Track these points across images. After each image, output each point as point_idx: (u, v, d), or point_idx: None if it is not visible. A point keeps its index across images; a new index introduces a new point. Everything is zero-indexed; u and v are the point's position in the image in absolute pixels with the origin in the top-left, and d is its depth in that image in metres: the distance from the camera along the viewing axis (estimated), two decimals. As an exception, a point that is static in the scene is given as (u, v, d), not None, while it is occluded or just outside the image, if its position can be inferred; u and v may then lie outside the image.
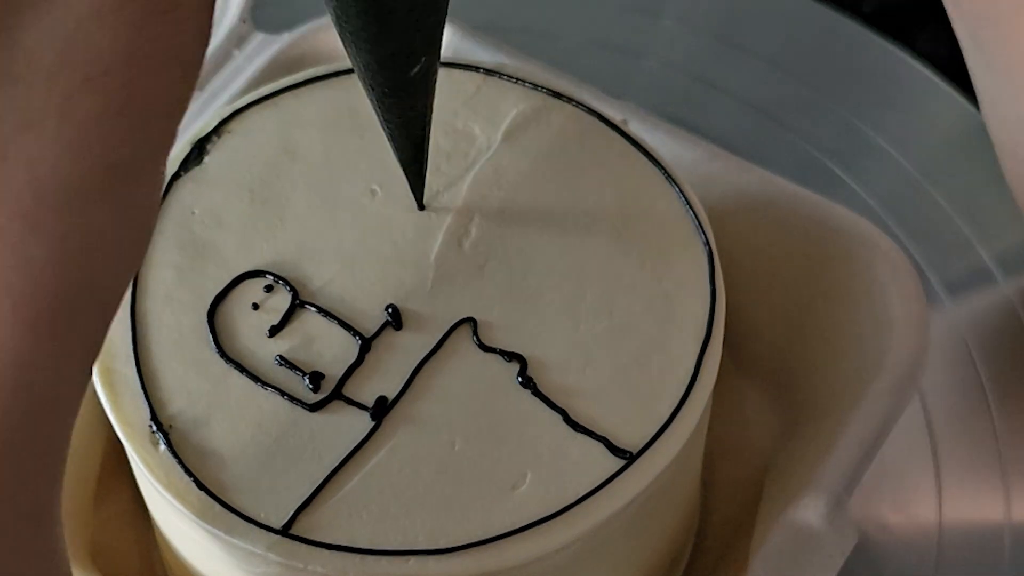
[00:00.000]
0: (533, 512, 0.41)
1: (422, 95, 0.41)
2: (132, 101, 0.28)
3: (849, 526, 0.47)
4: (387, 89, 0.40)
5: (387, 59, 0.39)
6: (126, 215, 0.30)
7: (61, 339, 0.30)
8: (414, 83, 0.40)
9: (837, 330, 0.53)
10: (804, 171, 0.64)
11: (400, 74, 0.39)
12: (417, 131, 0.43)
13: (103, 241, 0.29)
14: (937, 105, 0.68)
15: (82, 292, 0.30)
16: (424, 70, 0.39)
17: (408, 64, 0.39)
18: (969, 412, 0.59)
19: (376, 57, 0.38)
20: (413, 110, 0.41)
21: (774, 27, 0.71)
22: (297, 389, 0.44)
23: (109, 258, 0.30)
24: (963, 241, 0.64)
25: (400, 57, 0.39)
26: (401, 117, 0.42)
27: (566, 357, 0.44)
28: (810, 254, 0.54)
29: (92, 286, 0.30)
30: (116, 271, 0.31)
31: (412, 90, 0.40)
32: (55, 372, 0.30)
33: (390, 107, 0.41)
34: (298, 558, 0.41)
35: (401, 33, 0.38)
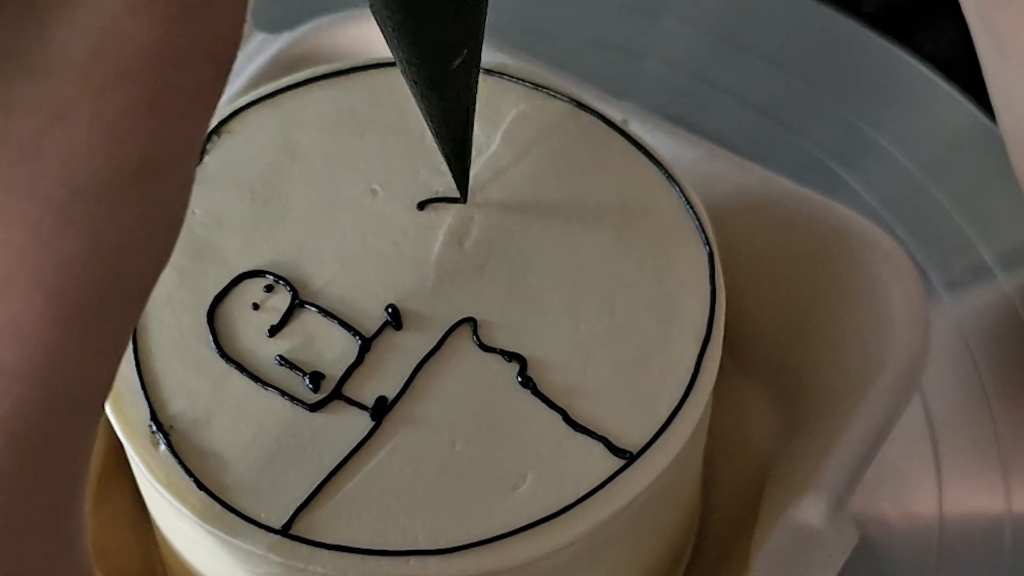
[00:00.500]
0: (533, 512, 0.41)
1: (464, 88, 0.41)
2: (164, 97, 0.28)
3: (850, 526, 0.47)
4: (429, 82, 0.40)
5: (428, 52, 0.39)
6: (156, 211, 0.30)
7: (91, 335, 0.30)
8: (456, 76, 0.40)
9: (838, 330, 0.53)
10: (805, 171, 0.64)
11: (442, 67, 0.39)
12: (460, 124, 0.43)
13: (134, 237, 0.29)
14: (937, 105, 0.68)
15: (112, 288, 0.30)
16: (466, 62, 0.40)
17: (449, 56, 0.39)
18: (970, 411, 0.59)
19: (417, 50, 0.39)
20: (456, 103, 0.41)
21: (774, 27, 0.71)
22: (297, 389, 0.44)
23: (139, 254, 0.30)
24: (964, 240, 0.64)
25: (441, 49, 0.39)
26: (443, 110, 0.42)
27: (566, 357, 0.44)
28: (811, 254, 0.54)
29: (122, 282, 0.30)
30: (145, 268, 0.31)
31: (454, 83, 0.40)
32: (83, 368, 0.30)
33: (432, 100, 0.41)
34: (298, 558, 0.41)
35: (442, 25, 0.38)
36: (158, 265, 0.31)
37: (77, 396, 0.31)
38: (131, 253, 0.30)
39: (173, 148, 0.29)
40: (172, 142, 0.29)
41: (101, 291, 0.29)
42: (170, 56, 0.28)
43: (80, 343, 0.30)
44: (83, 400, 0.31)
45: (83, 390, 0.31)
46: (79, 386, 0.30)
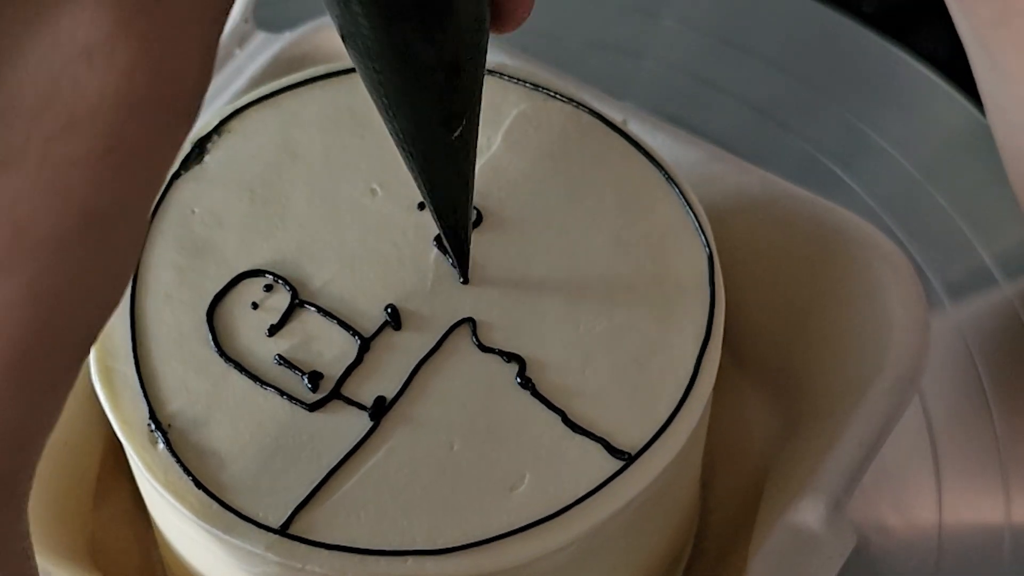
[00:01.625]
0: (531, 513, 0.41)
1: (464, 157, 0.40)
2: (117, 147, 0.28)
3: (848, 528, 0.47)
4: (427, 155, 0.39)
5: (425, 125, 0.38)
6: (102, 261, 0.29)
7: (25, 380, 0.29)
8: (455, 146, 0.39)
9: (837, 331, 0.53)
10: (804, 171, 0.64)
11: (440, 139, 0.38)
12: (460, 195, 0.41)
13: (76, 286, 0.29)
14: (937, 105, 0.68)
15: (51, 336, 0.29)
16: (466, 131, 0.38)
17: (448, 128, 0.38)
18: (969, 413, 0.59)
19: (415, 122, 0.37)
20: (456, 175, 0.40)
21: (774, 27, 0.71)
22: (296, 389, 0.44)
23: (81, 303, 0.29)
24: (963, 242, 0.64)
25: (439, 122, 0.38)
26: (442, 183, 0.40)
27: (565, 358, 0.44)
28: (810, 255, 0.54)
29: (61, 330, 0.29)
30: (88, 316, 0.30)
31: (454, 153, 0.39)
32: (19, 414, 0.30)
33: (431, 173, 0.40)
34: (296, 558, 0.41)
35: (440, 97, 0.37)
36: (103, 312, 0.30)
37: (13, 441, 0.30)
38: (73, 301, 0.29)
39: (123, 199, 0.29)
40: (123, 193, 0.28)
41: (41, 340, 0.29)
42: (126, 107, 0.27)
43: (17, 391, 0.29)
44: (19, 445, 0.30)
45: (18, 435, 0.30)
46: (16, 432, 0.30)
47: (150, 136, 0.28)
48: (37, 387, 0.30)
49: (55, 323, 0.29)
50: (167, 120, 0.28)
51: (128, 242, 0.30)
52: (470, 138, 0.39)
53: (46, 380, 0.30)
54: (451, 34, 0.35)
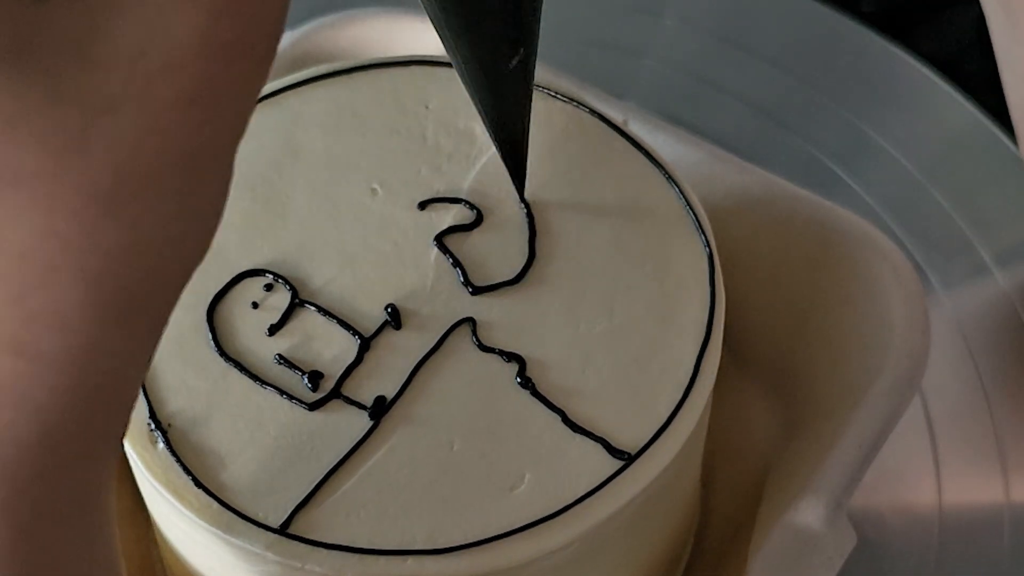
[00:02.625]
0: (531, 513, 0.41)
1: (522, 87, 0.41)
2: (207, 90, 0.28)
3: (848, 528, 0.47)
4: (486, 83, 0.40)
5: (485, 53, 0.39)
6: (195, 206, 0.30)
7: (128, 327, 0.30)
8: (513, 76, 0.40)
9: (838, 331, 0.53)
10: (804, 172, 0.64)
11: (499, 67, 0.40)
12: (517, 124, 0.43)
13: (173, 231, 0.30)
14: (937, 105, 0.68)
15: (151, 280, 0.30)
16: (523, 62, 0.40)
17: (507, 57, 0.39)
18: (969, 411, 0.59)
19: (474, 51, 0.39)
20: (513, 104, 0.42)
21: (774, 27, 0.71)
22: (296, 388, 0.44)
23: (177, 248, 0.30)
24: (963, 241, 0.64)
25: (498, 50, 0.39)
26: (500, 111, 0.42)
27: (565, 357, 0.44)
28: (810, 255, 0.54)
29: (160, 275, 0.30)
30: (183, 261, 0.31)
31: (511, 83, 0.41)
32: (119, 360, 0.30)
33: (489, 102, 0.41)
34: (296, 557, 0.41)
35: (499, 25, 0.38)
36: (194, 260, 0.31)
37: (111, 388, 0.31)
38: (170, 247, 0.30)
39: (214, 143, 0.29)
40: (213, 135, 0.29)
41: (140, 283, 0.30)
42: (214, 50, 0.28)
43: (118, 335, 0.30)
44: (116, 393, 0.31)
45: (117, 383, 0.31)
46: (113, 378, 0.31)
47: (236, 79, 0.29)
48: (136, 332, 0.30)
49: (156, 268, 0.30)
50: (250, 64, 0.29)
51: (218, 186, 0.31)
52: (529, 64, 0.41)
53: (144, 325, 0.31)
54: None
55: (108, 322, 0.29)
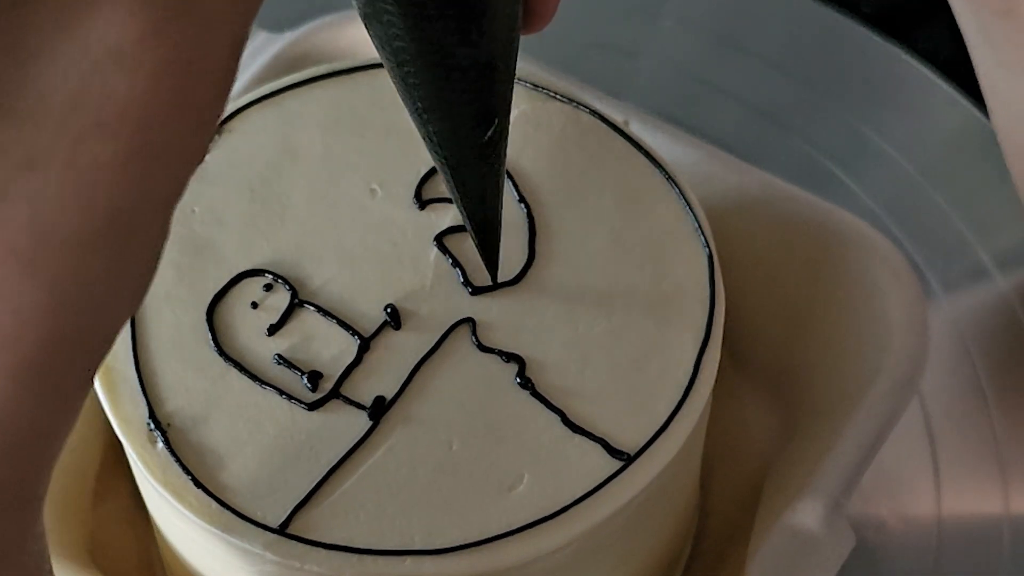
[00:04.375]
0: (530, 513, 0.41)
1: (496, 158, 0.39)
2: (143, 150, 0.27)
3: (847, 530, 0.47)
4: (461, 156, 0.39)
5: (460, 125, 0.37)
6: (124, 266, 0.29)
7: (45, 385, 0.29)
8: (488, 147, 0.38)
9: (837, 332, 0.53)
10: (804, 172, 0.64)
11: (473, 141, 0.38)
12: (492, 196, 0.41)
13: (98, 290, 0.29)
14: (937, 105, 0.68)
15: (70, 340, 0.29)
16: (498, 132, 0.38)
17: (481, 129, 0.38)
18: (968, 413, 0.59)
19: (449, 124, 0.37)
20: (488, 176, 0.40)
21: (774, 27, 0.71)
22: (295, 388, 0.44)
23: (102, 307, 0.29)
24: (962, 242, 0.64)
25: (472, 123, 0.37)
26: (474, 185, 0.40)
27: (565, 358, 0.44)
28: (810, 256, 0.54)
29: (82, 334, 0.29)
30: (108, 320, 0.30)
31: (486, 154, 0.39)
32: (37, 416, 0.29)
33: (463, 175, 0.39)
34: (295, 557, 0.41)
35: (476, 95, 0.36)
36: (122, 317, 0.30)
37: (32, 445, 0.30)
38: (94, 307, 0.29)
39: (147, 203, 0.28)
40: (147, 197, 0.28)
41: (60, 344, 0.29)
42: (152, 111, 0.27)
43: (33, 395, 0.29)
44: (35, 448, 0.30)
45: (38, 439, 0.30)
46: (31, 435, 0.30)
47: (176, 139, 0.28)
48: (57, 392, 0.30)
49: (77, 326, 0.29)
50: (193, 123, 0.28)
51: (150, 246, 0.30)
52: (502, 139, 0.39)
53: (66, 384, 0.30)
54: (487, 35, 0.35)
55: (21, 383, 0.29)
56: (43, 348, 0.28)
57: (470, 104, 0.37)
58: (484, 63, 0.36)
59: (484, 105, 0.37)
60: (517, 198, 0.47)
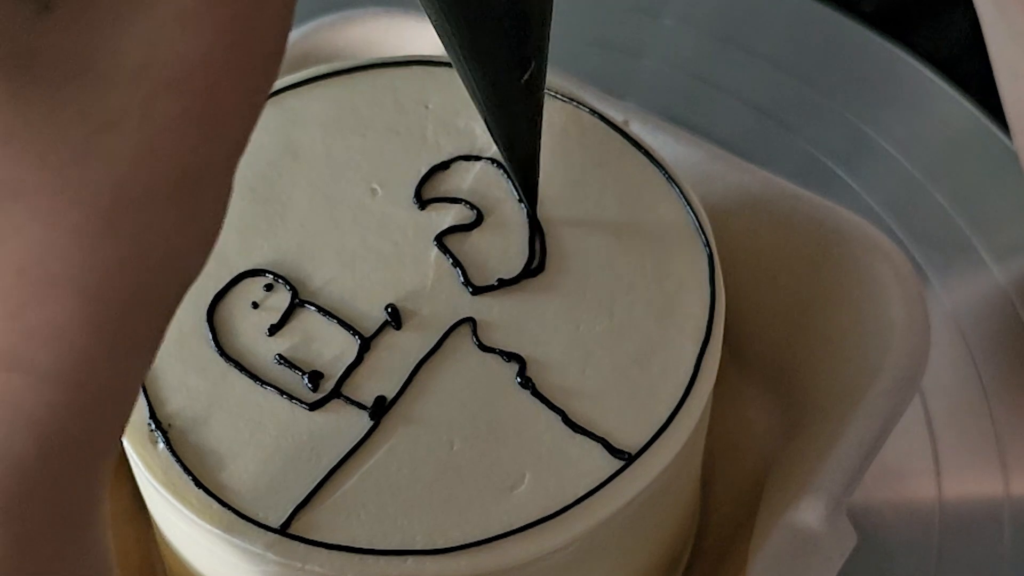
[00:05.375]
0: (531, 513, 0.41)
1: (533, 101, 0.41)
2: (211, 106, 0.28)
3: (848, 528, 0.47)
4: (497, 100, 0.40)
5: (494, 69, 0.39)
6: (195, 221, 0.30)
7: (125, 342, 0.30)
8: (523, 92, 0.40)
9: (838, 332, 0.53)
10: (805, 171, 0.64)
11: (509, 84, 0.39)
12: (528, 140, 0.42)
13: (172, 246, 0.30)
14: (937, 105, 0.68)
15: (149, 295, 0.30)
16: (533, 77, 0.39)
17: (516, 73, 0.39)
18: (969, 411, 0.59)
19: (484, 68, 0.38)
20: (524, 120, 0.41)
21: (774, 27, 0.71)
22: (296, 388, 0.44)
23: (176, 264, 0.30)
24: (963, 241, 0.64)
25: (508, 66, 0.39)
26: (511, 128, 0.41)
27: (565, 357, 0.44)
28: (810, 255, 0.54)
29: (159, 289, 0.30)
30: (181, 276, 0.31)
31: (521, 99, 0.40)
32: (115, 375, 0.30)
33: (500, 118, 0.41)
34: (296, 557, 0.41)
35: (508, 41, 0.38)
36: (192, 274, 0.31)
37: (107, 402, 0.31)
38: (169, 262, 0.30)
39: (215, 159, 0.29)
40: (215, 151, 0.29)
41: (138, 299, 0.30)
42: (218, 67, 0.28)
43: (114, 350, 0.30)
44: (112, 407, 0.31)
45: (113, 397, 0.31)
46: (110, 392, 0.30)
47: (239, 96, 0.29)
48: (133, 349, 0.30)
49: (154, 282, 0.30)
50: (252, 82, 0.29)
51: (218, 201, 0.31)
52: (539, 82, 0.40)
53: (139, 343, 0.31)
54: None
55: (106, 337, 0.29)
56: (119, 303, 0.29)
57: (506, 49, 0.38)
58: (519, 12, 0.37)
59: (520, 50, 0.38)
60: (517, 198, 0.47)
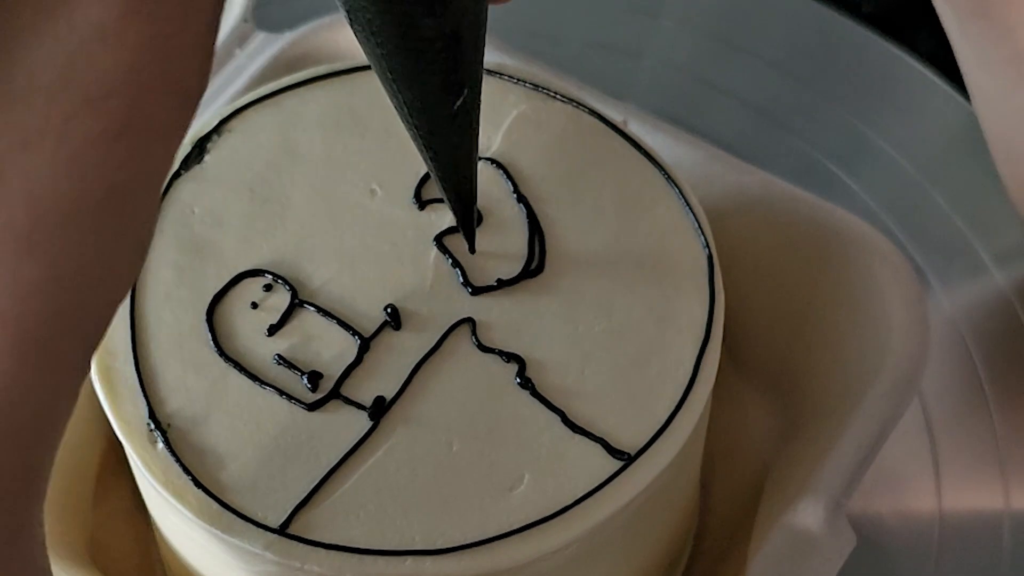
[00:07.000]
0: (530, 513, 0.41)
1: (468, 127, 0.40)
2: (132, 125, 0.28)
3: (847, 529, 0.47)
4: (432, 126, 0.39)
5: (427, 94, 0.38)
6: (119, 241, 0.30)
7: (47, 363, 0.29)
8: (457, 118, 0.39)
9: (837, 333, 0.53)
10: (804, 172, 0.64)
11: (443, 111, 0.38)
12: (466, 166, 0.41)
13: (95, 266, 0.29)
14: (937, 105, 0.68)
15: (70, 316, 0.29)
16: (467, 103, 0.39)
17: (450, 99, 0.38)
18: (968, 412, 0.59)
19: (419, 94, 0.38)
20: (458, 148, 0.40)
21: (774, 28, 0.71)
22: (295, 388, 0.44)
23: (100, 283, 0.30)
24: (963, 242, 0.64)
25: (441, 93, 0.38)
26: (445, 155, 0.40)
27: (565, 358, 0.44)
28: (810, 256, 0.54)
29: (81, 311, 0.30)
30: (106, 297, 0.30)
31: (458, 124, 0.39)
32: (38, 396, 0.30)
33: (435, 146, 0.40)
34: (295, 557, 0.41)
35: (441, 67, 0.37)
36: (119, 294, 0.31)
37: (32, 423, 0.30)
38: (92, 281, 0.29)
39: (138, 178, 0.29)
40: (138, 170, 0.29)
41: (59, 319, 0.29)
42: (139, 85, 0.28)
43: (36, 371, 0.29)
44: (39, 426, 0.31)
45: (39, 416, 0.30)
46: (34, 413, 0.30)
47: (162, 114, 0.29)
48: (58, 371, 0.30)
49: (76, 303, 0.29)
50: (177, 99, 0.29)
51: (143, 221, 0.30)
52: (473, 108, 0.39)
53: (66, 363, 0.30)
54: (452, 6, 0.35)
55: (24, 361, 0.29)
56: (43, 325, 0.29)
57: (438, 75, 0.37)
58: (450, 34, 0.36)
59: (452, 76, 0.37)
60: (517, 198, 0.47)
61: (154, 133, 0.29)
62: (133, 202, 0.29)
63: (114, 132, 0.28)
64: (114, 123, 0.28)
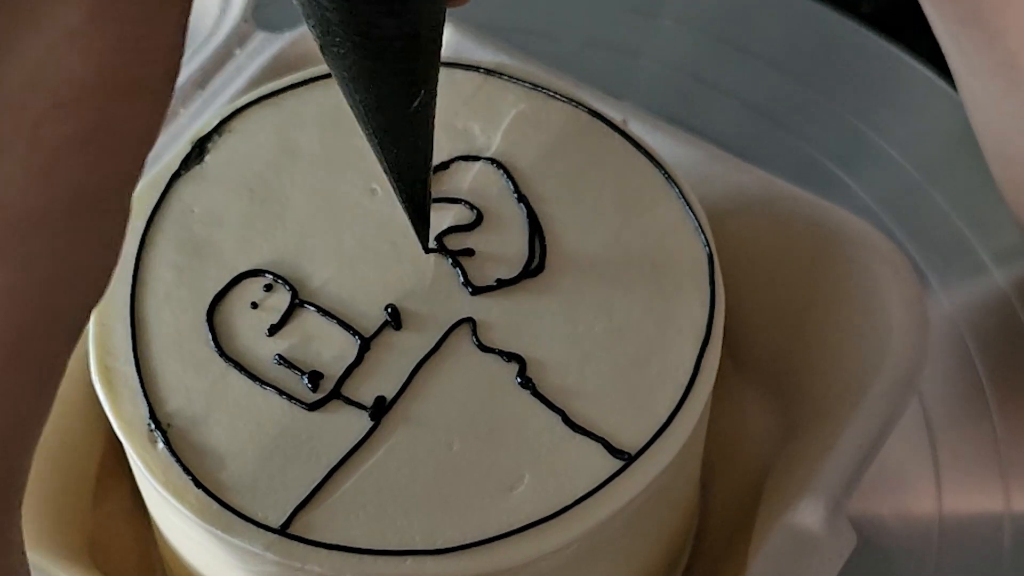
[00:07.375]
0: (531, 513, 0.41)
1: (423, 128, 0.40)
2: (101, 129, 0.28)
3: (847, 530, 0.47)
4: (386, 125, 0.39)
5: (384, 94, 0.38)
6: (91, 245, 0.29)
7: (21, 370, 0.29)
8: (414, 118, 0.39)
9: (837, 332, 0.53)
10: (803, 172, 0.64)
11: (400, 110, 0.38)
12: (420, 168, 0.41)
13: (67, 271, 0.29)
14: (937, 105, 0.68)
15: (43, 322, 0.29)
16: (424, 102, 0.39)
17: (407, 99, 0.38)
18: (968, 412, 0.59)
19: (376, 94, 0.38)
20: (416, 147, 0.40)
21: (774, 27, 0.71)
22: (296, 388, 0.44)
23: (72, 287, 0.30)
24: (962, 241, 0.64)
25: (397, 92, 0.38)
26: (403, 157, 0.40)
27: (565, 358, 0.44)
28: (809, 256, 0.54)
29: (56, 316, 0.30)
30: (79, 300, 0.30)
31: (412, 126, 0.39)
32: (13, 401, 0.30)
33: (391, 147, 0.40)
34: (296, 557, 0.41)
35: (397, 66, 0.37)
36: (92, 298, 0.31)
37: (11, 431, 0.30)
38: (65, 287, 0.29)
39: (109, 181, 0.29)
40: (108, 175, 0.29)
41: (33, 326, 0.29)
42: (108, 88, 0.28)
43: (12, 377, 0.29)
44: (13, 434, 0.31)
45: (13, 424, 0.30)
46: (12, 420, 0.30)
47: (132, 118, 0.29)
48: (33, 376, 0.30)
49: (52, 306, 0.29)
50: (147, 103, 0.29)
51: (116, 222, 0.30)
52: (429, 109, 0.39)
53: (44, 366, 0.30)
54: (411, 6, 0.35)
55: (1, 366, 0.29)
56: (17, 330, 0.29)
57: (397, 75, 0.37)
58: (408, 34, 0.36)
59: (410, 75, 0.37)
60: (516, 197, 0.47)
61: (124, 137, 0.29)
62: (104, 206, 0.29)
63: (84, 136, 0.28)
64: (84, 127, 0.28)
